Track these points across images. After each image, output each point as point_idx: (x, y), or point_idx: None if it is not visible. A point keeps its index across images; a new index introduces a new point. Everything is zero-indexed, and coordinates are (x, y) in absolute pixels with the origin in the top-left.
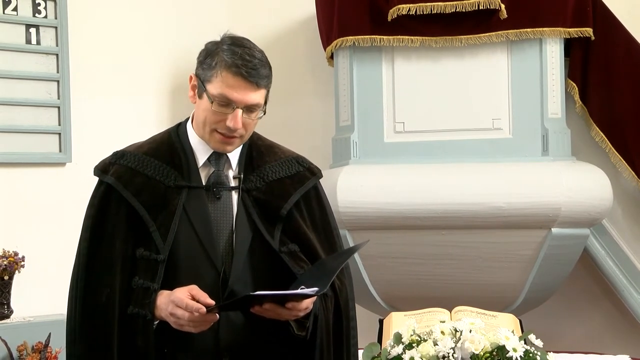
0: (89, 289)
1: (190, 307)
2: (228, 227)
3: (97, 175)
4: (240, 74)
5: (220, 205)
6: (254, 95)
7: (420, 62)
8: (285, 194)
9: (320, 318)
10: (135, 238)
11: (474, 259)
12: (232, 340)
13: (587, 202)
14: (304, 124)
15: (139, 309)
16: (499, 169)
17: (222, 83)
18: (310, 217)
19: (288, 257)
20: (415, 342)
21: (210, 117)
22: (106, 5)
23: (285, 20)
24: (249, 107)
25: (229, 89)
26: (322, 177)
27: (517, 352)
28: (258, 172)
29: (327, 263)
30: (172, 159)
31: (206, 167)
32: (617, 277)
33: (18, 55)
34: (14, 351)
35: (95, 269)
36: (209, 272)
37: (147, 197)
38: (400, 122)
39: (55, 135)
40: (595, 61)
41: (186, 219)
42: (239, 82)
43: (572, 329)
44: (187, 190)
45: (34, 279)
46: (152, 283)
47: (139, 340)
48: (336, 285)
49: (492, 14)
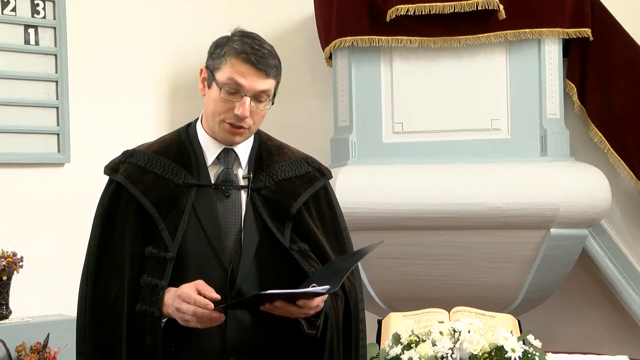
0: (99, 287)
1: (199, 302)
2: (236, 225)
3: (107, 174)
4: (249, 60)
5: (229, 203)
6: (263, 82)
7: (418, 63)
8: (295, 193)
9: (331, 317)
10: (144, 236)
11: (472, 259)
12: (238, 340)
13: (585, 203)
14: (302, 125)
15: (147, 306)
16: (498, 170)
17: (231, 69)
18: (319, 217)
19: (299, 255)
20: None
21: (219, 106)
22: (105, 5)
23: (283, 21)
24: (257, 95)
25: (237, 74)
26: (331, 177)
27: (516, 353)
28: (267, 172)
29: (337, 263)
30: (181, 158)
31: (215, 165)
32: (616, 278)
33: (16, 56)
34: (12, 351)
35: (104, 266)
36: (217, 271)
37: (156, 196)
38: (399, 123)
39: (54, 135)
40: (593, 62)
41: (195, 218)
42: (248, 68)
43: (570, 329)
44: (196, 188)
45: (33, 280)
46: (160, 281)
47: (147, 339)
48: (346, 286)
49: (490, 15)
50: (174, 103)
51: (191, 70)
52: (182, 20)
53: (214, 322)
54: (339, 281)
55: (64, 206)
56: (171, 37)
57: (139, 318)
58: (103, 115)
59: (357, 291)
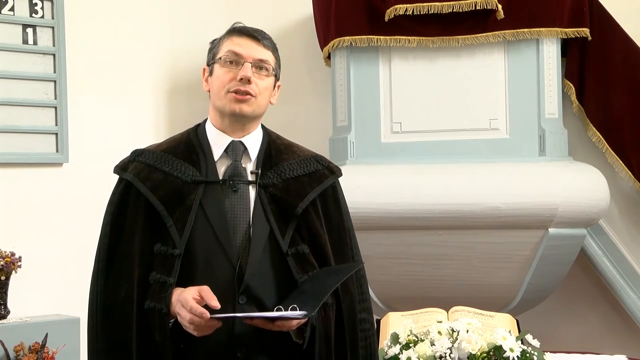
0: (109, 285)
1: (194, 311)
2: (245, 221)
3: (117, 173)
4: (244, 31)
5: (237, 198)
6: (261, 51)
7: (417, 63)
8: (302, 192)
9: (319, 328)
10: (153, 233)
11: (471, 259)
12: (246, 335)
13: (584, 202)
14: (301, 124)
15: (156, 303)
16: (496, 169)
17: (228, 43)
18: (325, 216)
19: (294, 261)
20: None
21: (223, 77)
22: (103, 5)
23: (282, 21)
24: (256, 63)
25: (235, 45)
26: (341, 175)
27: (514, 352)
28: (275, 170)
29: (328, 277)
30: (190, 156)
31: (224, 159)
32: (614, 277)
33: (15, 56)
34: (10, 351)
35: (114, 264)
36: (225, 267)
37: (165, 193)
38: (398, 123)
39: (52, 135)
40: (592, 61)
41: (202, 214)
42: (245, 40)
43: (569, 329)
44: (204, 185)
45: (31, 280)
46: (169, 277)
47: (156, 335)
48: (339, 292)
49: (489, 14)
50: (172, 103)
51: (190, 70)
52: (180, 20)
53: (210, 330)
54: (317, 306)
55: (63, 206)
56: (170, 37)
57: (148, 315)
58: (101, 115)
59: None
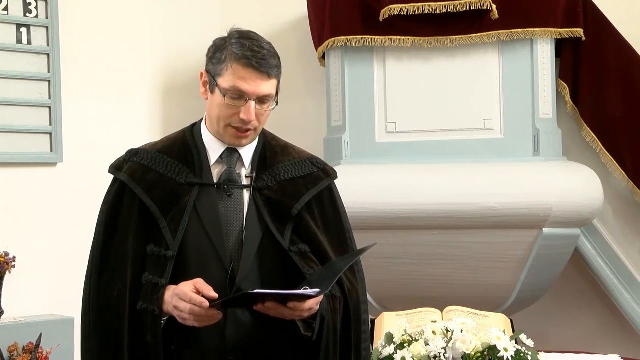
0: (102, 284)
1: (194, 300)
2: (238, 225)
3: (112, 173)
4: (251, 65)
5: (231, 203)
6: (266, 85)
7: (411, 63)
8: (298, 193)
9: (328, 320)
10: (146, 234)
11: (465, 259)
12: (238, 339)
13: (578, 202)
14: (295, 124)
15: (148, 304)
16: (490, 169)
17: (233, 76)
18: (322, 218)
19: (298, 257)
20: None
21: (224, 111)
22: (97, 5)
23: (276, 21)
24: (261, 98)
25: (240, 80)
26: (337, 178)
27: (508, 352)
28: (271, 172)
29: (336, 264)
30: (185, 157)
31: (218, 164)
32: (608, 277)
33: (9, 55)
34: (4, 352)
35: (108, 264)
36: (218, 270)
37: (159, 194)
38: (392, 123)
39: (47, 135)
40: (586, 61)
41: (196, 216)
42: (250, 73)
43: (563, 329)
44: (198, 187)
45: (25, 280)
46: (161, 279)
47: (148, 337)
48: (346, 288)
49: (483, 15)
50: (167, 102)
51: (184, 70)
52: (175, 19)
53: (211, 321)
54: (330, 284)
55: (57, 206)
56: (164, 36)
57: (140, 316)
58: (96, 114)
59: (360, 293)
